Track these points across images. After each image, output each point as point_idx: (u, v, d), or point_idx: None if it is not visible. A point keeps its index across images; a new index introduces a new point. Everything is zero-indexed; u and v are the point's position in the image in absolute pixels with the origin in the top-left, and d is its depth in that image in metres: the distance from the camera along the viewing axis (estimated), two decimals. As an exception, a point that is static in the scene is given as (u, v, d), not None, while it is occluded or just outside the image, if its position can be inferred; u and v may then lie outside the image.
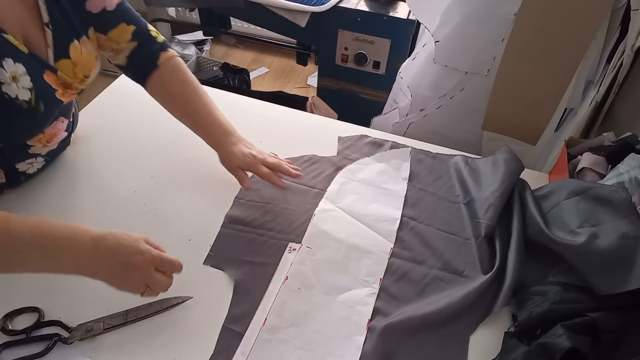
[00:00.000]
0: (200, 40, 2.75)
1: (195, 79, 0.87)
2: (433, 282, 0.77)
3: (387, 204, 0.89)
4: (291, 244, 0.80)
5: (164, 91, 0.86)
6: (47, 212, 0.82)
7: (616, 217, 0.73)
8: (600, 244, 0.70)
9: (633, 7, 0.94)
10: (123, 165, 0.93)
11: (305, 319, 0.71)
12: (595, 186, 0.78)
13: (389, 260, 0.80)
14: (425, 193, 0.93)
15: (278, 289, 0.73)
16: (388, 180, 0.95)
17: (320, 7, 1.60)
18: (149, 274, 0.63)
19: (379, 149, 1.02)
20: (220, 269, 0.76)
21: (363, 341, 0.68)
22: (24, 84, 0.66)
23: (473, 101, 1.19)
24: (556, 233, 0.76)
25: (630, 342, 0.64)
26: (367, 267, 0.78)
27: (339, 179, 0.94)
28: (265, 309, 0.70)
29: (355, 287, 0.75)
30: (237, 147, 0.84)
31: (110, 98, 1.09)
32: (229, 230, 0.83)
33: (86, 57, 0.76)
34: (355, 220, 0.85)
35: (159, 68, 0.84)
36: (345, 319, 0.71)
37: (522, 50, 1.06)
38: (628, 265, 0.67)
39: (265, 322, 0.69)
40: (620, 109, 1.10)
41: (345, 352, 0.67)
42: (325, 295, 0.74)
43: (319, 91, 1.91)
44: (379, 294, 0.75)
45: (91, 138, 0.98)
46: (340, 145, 1.03)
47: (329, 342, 0.68)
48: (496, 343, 0.68)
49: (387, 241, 0.83)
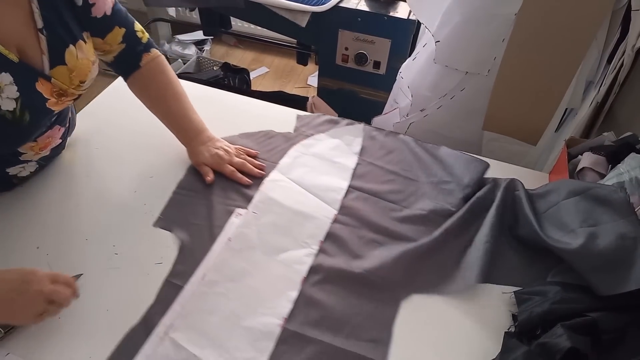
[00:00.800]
0: (201, 40, 2.75)
1: (175, 80, 0.91)
2: (370, 244, 0.81)
3: (336, 175, 0.93)
4: (238, 209, 0.84)
5: (143, 90, 0.91)
6: (47, 214, 0.82)
7: (615, 218, 0.73)
8: (599, 245, 0.70)
9: (634, 8, 0.94)
10: (122, 165, 0.93)
11: (243, 275, 0.75)
12: (595, 186, 0.78)
13: (331, 225, 0.83)
14: (374, 167, 0.97)
15: (220, 248, 0.77)
16: (340, 154, 0.98)
17: (321, 7, 1.60)
18: (43, 287, 0.60)
19: (334, 126, 1.06)
20: (169, 231, 0.80)
21: (296, 296, 0.72)
22: (9, 94, 0.66)
23: (473, 101, 1.19)
24: (554, 234, 0.76)
25: (630, 342, 0.64)
26: (309, 231, 0.82)
27: (293, 152, 0.97)
28: (206, 265, 0.75)
29: (295, 248, 0.79)
30: (205, 147, 0.90)
31: (109, 99, 1.09)
32: (179, 197, 0.87)
33: (82, 62, 0.76)
34: (304, 190, 0.89)
35: (141, 69, 0.88)
36: (282, 277, 0.75)
37: (522, 50, 1.06)
38: (627, 265, 0.67)
39: (205, 277, 0.73)
40: (620, 109, 1.10)
41: (278, 305, 0.71)
42: (266, 255, 0.78)
43: (319, 91, 1.91)
44: (318, 254, 0.79)
45: (90, 139, 0.97)
46: (298, 123, 1.06)
47: (263, 296, 0.72)
48: (496, 343, 0.68)
49: (331, 208, 0.87)
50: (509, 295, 0.75)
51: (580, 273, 0.70)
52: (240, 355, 0.65)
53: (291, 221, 0.83)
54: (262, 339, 0.67)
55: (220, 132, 0.96)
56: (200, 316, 0.68)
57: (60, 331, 0.66)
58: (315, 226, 0.83)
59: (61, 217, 0.82)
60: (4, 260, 0.74)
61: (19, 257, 0.75)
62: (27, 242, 0.77)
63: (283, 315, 0.70)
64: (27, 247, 0.76)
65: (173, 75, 0.92)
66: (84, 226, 0.81)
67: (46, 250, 0.76)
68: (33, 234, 0.78)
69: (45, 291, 0.60)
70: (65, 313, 0.68)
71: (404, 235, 0.83)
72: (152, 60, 0.89)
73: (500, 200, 0.85)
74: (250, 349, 0.66)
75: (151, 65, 0.89)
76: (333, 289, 0.74)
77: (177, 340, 0.65)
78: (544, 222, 0.80)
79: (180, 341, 0.65)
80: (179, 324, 0.68)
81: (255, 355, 0.65)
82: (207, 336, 0.67)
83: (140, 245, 0.79)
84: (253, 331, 0.68)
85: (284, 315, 0.70)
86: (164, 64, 0.91)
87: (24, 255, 0.75)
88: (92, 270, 0.74)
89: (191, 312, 0.69)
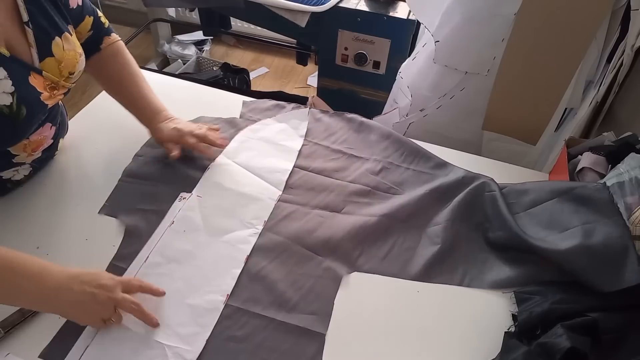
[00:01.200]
0: (200, 40, 2.75)
1: (133, 63, 0.93)
2: (314, 220, 0.83)
3: (282, 157, 0.95)
4: (182, 193, 0.85)
5: (102, 72, 0.92)
6: (41, 219, 0.81)
7: (599, 218, 0.73)
8: (586, 245, 0.70)
9: (633, 7, 0.94)
10: (116, 169, 0.91)
11: (188, 256, 0.76)
12: (578, 186, 0.79)
13: (276, 204, 0.85)
14: (319, 147, 0.99)
15: (163, 231, 0.78)
16: (286, 138, 1.00)
17: (320, 7, 1.60)
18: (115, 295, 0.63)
19: (281, 111, 1.07)
20: (114, 217, 0.81)
21: (239, 273, 0.74)
22: (4, 89, 0.66)
23: (473, 101, 1.19)
24: (537, 235, 0.76)
25: (630, 342, 0.64)
26: (254, 212, 0.84)
27: (239, 137, 0.99)
28: (149, 248, 0.76)
29: (239, 229, 0.81)
30: (165, 124, 0.90)
31: (103, 103, 1.05)
32: (125, 184, 0.88)
33: (69, 54, 0.77)
34: (249, 173, 0.91)
35: (101, 51, 0.90)
36: (226, 256, 0.76)
37: (522, 50, 1.06)
38: (616, 265, 0.67)
39: (147, 260, 0.74)
40: (620, 109, 1.10)
41: (222, 282, 0.73)
42: (210, 236, 0.79)
43: (319, 91, 1.91)
44: (262, 232, 0.80)
45: (82, 144, 0.96)
46: (244, 109, 1.07)
47: (208, 274, 0.74)
48: (496, 343, 0.68)
49: (276, 189, 0.89)
50: (509, 295, 0.75)
51: (570, 273, 0.71)
52: (184, 330, 0.66)
53: (236, 203, 0.85)
54: (205, 315, 0.69)
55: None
56: (141, 296, 0.68)
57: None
58: (259, 207, 0.84)
59: (61, 218, 0.82)
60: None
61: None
62: (27, 242, 0.77)
63: (227, 292, 0.72)
64: (27, 247, 0.76)
65: (130, 58, 0.93)
66: (84, 226, 0.81)
67: (46, 250, 0.76)
68: (33, 234, 0.78)
69: (116, 299, 0.63)
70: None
71: (349, 211, 0.86)
72: (112, 44, 0.91)
73: (462, 201, 0.85)
74: (193, 324, 0.67)
75: (111, 48, 0.91)
76: (277, 265, 0.76)
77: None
78: (525, 222, 0.80)
79: (123, 321, 0.66)
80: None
81: (198, 330, 0.67)
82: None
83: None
84: (197, 309, 0.69)
85: (227, 292, 0.72)
86: (122, 47, 0.93)
87: (24, 256, 0.75)
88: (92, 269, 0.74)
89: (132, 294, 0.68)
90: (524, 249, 0.76)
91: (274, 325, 0.69)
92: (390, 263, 0.79)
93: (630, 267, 0.66)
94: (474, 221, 0.84)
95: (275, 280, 0.74)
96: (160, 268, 0.74)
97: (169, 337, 0.65)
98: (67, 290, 0.61)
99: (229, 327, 0.68)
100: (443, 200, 0.87)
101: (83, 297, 0.61)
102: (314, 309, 0.71)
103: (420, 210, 0.86)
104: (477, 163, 0.99)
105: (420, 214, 0.85)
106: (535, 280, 0.75)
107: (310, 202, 0.87)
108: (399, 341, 0.69)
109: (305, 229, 0.81)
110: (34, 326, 0.67)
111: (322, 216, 0.84)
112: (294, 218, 0.84)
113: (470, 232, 0.83)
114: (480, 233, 0.83)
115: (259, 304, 0.71)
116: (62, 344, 0.64)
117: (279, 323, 0.69)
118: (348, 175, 0.93)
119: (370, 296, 0.75)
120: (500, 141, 1.22)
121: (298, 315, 0.70)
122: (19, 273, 0.61)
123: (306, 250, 0.79)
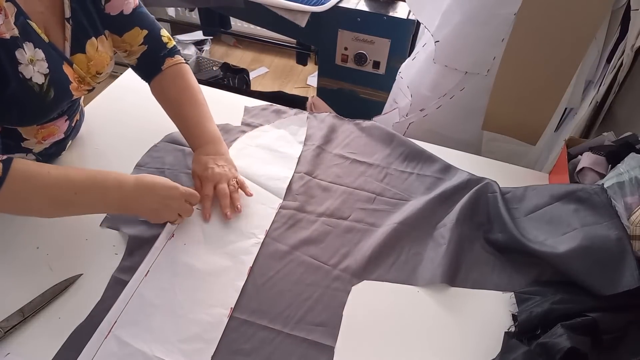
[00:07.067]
0: (200, 40, 2.75)
1: (195, 86, 0.91)
2: (318, 228, 0.82)
3: (281, 165, 0.94)
4: None
5: (162, 94, 0.91)
6: (41, 219, 0.79)
7: (598, 220, 0.73)
8: (584, 248, 0.70)
9: (633, 7, 0.94)
10: (121, 165, 0.92)
11: (189, 270, 0.75)
12: (576, 189, 0.79)
13: (278, 210, 0.85)
14: (322, 151, 0.99)
15: (163, 245, 0.77)
16: (285, 144, 0.99)
17: (320, 7, 1.60)
18: (181, 205, 0.76)
19: (281, 116, 1.06)
20: (116, 230, 0.80)
21: (242, 285, 0.73)
22: (40, 69, 0.70)
23: (473, 101, 1.19)
24: (537, 238, 0.76)
25: (630, 342, 0.64)
26: (255, 221, 0.83)
27: (237, 144, 0.98)
28: (148, 262, 0.75)
29: (241, 239, 0.80)
30: (206, 158, 0.86)
31: (108, 99, 1.08)
32: None
33: (101, 55, 0.81)
34: (249, 181, 0.89)
35: (162, 73, 0.89)
36: (229, 268, 0.75)
37: (522, 50, 1.06)
38: (615, 268, 0.67)
39: (148, 274, 0.73)
40: (620, 109, 1.10)
41: (225, 295, 0.72)
42: (211, 248, 0.78)
43: (319, 91, 1.91)
44: (268, 242, 0.80)
45: (89, 139, 0.97)
46: (246, 115, 1.07)
47: (211, 287, 0.73)
48: (496, 343, 0.68)
49: (276, 197, 0.88)
50: (509, 295, 0.75)
51: (569, 276, 0.71)
52: (188, 347, 0.65)
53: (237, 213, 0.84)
54: (210, 329, 0.67)
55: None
56: (143, 311, 0.68)
57: (60, 331, 0.66)
58: (260, 217, 0.83)
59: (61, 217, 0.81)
60: (4, 259, 0.75)
61: (19, 257, 0.75)
62: (27, 242, 0.77)
63: (230, 304, 0.71)
64: (27, 247, 0.76)
65: (194, 81, 0.92)
66: (84, 226, 0.81)
67: (46, 250, 0.76)
68: (33, 234, 0.78)
69: (180, 208, 0.77)
70: (66, 314, 0.68)
71: (356, 218, 0.85)
72: (175, 65, 0.90)
73: (467, 202, 0.85)
74: (198, 340, 0.66)
75: (172, 69, 0.90)
76: (283, 276, 0.75)
77: (120, 337, 0.65)
78: (525, 226, 0.80)
79: (124, 337, 0.65)
80: (122, 320, 0.67)
81: (203, 346, 0.66)
82: (152, 331, 0.67)
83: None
84: (201, 323, 0.68)
85: (231, 305, 0.71)
86: (184, 70, 0.91)
87: (24, 255, 0.75)
88: (92, 270, 0.74)
89: (134, 308, 0.68)
90: (523, 252, 0.76)
91: (281, 338, 0.68)
92: (399, 270, 0.78)
93: (628, 271, 0.66)
94: (476, 221, 0.84)
95: (282, 291, 0.73)
96: (161, 282, 0.72)
97: (171, 354, 0.64)
98: (143, 198, 0.73)
99: (235, 340, 0.67)
100: (448, 203, 0.86)
101: (157, 206, 0.74)
102: (323, 320, 0.70)
103: (427, 215, 0.85)
104: (477, 163, 0.99)
105: (427, 219, 0.84)
106: (535, 280, 0.75)
107: (316, 210, 0.86)
108: (403, 344, 0.69)
109: (312, 238, 0.81)
110: (34, 326, 0.67)
111: (329, 224, 0.83)
112: (300, 227, 0.83)
113: (473, 232, 0.83)
114: (481, 234, 0.83)
115: (266, 316, 0.70)
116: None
117: (286, 335, 0.68)
118: (352, 181, 0.92)
119: (378, 304, 0.73)
120: (500, 141, 1.22)
121: (306, 327, 0.69)
122: (101, 184, 0.70)
123: (314, 260, 0.78)
